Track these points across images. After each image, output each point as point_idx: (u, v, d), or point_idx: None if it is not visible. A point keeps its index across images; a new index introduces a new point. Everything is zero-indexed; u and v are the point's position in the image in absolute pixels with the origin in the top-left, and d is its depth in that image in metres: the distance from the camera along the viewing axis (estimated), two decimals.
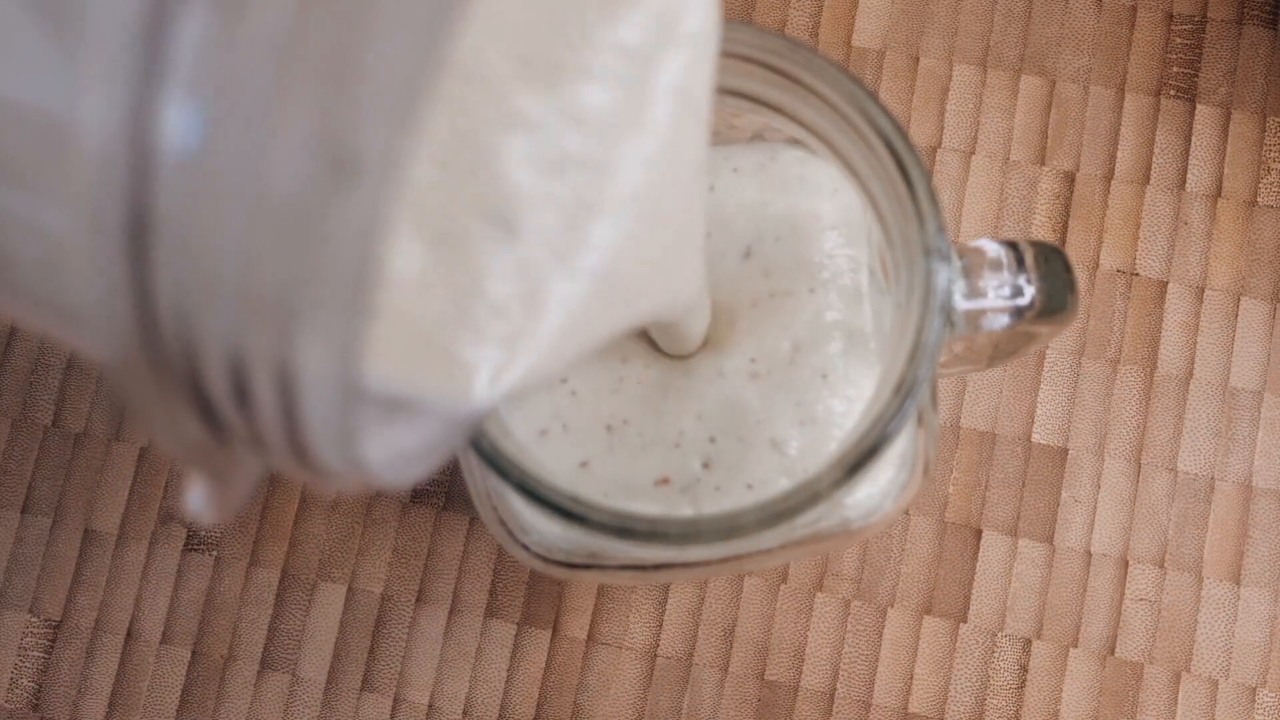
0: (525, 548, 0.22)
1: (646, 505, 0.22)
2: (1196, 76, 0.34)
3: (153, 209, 0.10)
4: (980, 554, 0.32)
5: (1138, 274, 0.33)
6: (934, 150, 0.34)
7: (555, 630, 0.32)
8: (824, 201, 0.24)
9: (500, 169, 0.14)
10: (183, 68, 0.09)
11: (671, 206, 0.16)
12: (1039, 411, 0.33)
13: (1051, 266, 0.21)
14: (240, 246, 0.10)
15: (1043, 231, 0.34)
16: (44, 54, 0.10)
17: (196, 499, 0.13)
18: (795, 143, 0.24)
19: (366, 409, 0.12)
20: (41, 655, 0.33)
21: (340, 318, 0.10)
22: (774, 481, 0.22)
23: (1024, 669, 0.32)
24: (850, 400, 0.22)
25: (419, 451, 0.13)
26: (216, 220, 0.10)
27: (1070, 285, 0.21)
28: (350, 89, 0.09)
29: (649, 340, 0.23)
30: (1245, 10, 0.34)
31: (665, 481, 0.22)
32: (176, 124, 0.09)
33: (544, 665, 0.32)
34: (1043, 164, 0.34)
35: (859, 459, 0.18)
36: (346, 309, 0.10)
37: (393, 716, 0.32)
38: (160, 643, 0.33)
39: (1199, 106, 0.34)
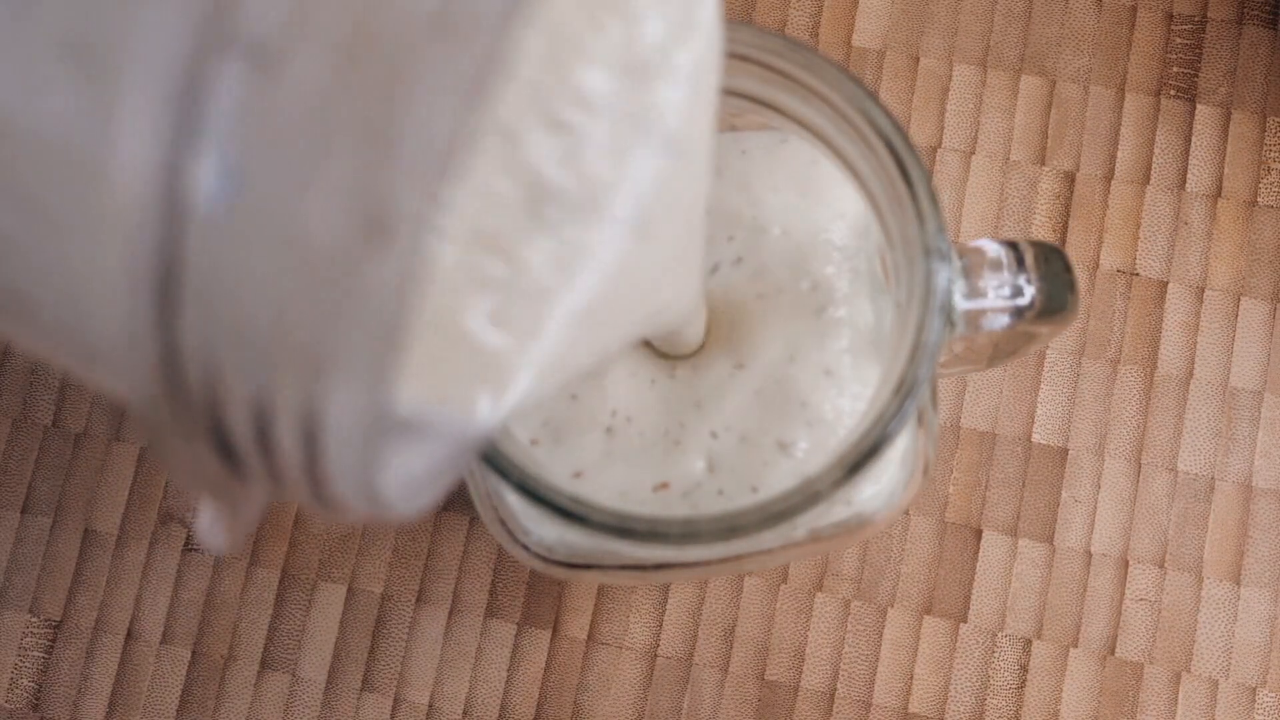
0: (525, 548, 0.22)
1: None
2: (1196, 76, 0.34)
3: (183, 259, 0.10)
4: (980, 554, 0.32)
5: (1138, 274, 0.33)
6: (934, 150, 0.34)
7: (555, 630, 0.32)
8: (835, 187, 0.23)
9: (503, 181, 0.14)
10: (219, 122, 0.09)
11: (675, 214, 0.16)
12: (1039, 411, 0.33)
13: (1051, 266, 0.21)
14: (271, 299, 0.10)
15: (1043, 231, 0.34)
16: (79, 101, 0.10)
17: (207, 526, 0.13)
18: None
19: (384, 440, 0.12)
20: (41, 655, 0.33)
21: (369, 370, 0.10)
22: (782, 485, 0.22)
23: (1024, 669, 0.32)
24: (858, 399, 0.22)
25: (428, 477, 0.13)
26: (247, 273, 0.10)
27: (1070, 285, 0.21)
28: (387, 150, 0.09)
29: (647, 342, 0.23)
30: (1245, 10, 0.34)
31: (665, 486, 0.22)
32: (211, 177, 0.09)
33: (544, 665, 0.32)
34: (1043, 164, 0.34)
35: (859, 459, 0.18)
36: (376, 362, 0.10)
37: (393, 716, 0.32)
38: (160, 643, 0.33)
39: (1199, 106, 0.34)
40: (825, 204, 0.23)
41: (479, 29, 0.10)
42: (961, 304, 0.20)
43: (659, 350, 0.23)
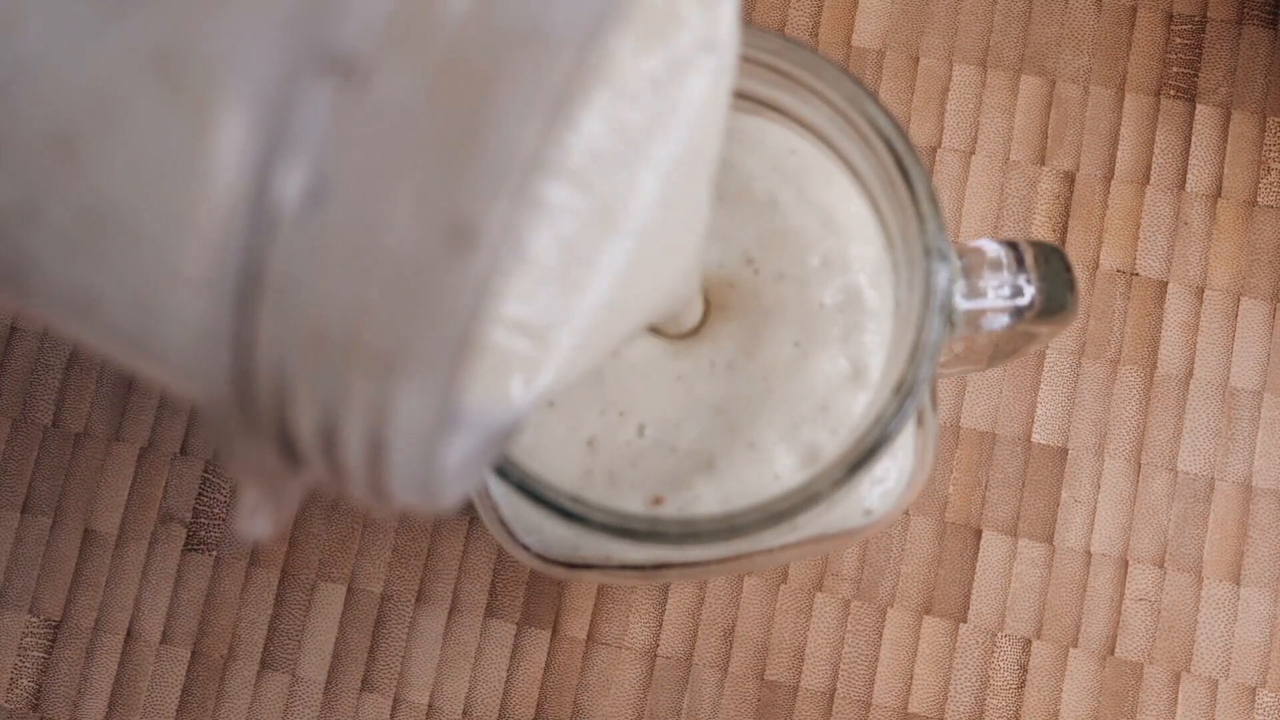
0: (525, 548, 0.22)
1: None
2: (1196, 76, 0.34)
3: (267, 265, 0.10)
4: (980, 554, 0.32)
5: (1138, 274, 0.33)
6: (934, 150, 0.34)
7: (555, 630, 0.32)
8: None
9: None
10: (309, 133, 0.10)
11: (686, 207, 0.16)
12: (1039, 411, 0.33)
13: (1051, 266, 0.20)
14: (349, 305, 0.10)
15: (1043, 231, 0.34)
16: (169, 110, 0.10)
17: (248, 515, 0.13)
18: None
19: (444, 439, 0.12)
20: (41, 655, 0.33)
21: (440, 375, 0.11)
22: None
23: (1024, 669, 0.32)
24: None
25: (465, 468, 0.13)
26: (328, 278, 0.10)
27: (1070, 285, 0.21)
28: (472, 163, 0.10)
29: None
30: (1245, 10, 0.34)
31: (659, 502, 0.21)
32: (299, 186, 0.10)
33: (544, 665, 0.32)
34: (1043, 164, 0.34)
35: (859, 458, 0.18)
36: (448, 367, 0.11)
37: (393, 716, 0.32)
38: (160, 643, 0.33)
39: (1199, 106, 0.34)
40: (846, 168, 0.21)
41: (567, 43, 0.10)
42: (961, 304, 0.20)
43: (658, 339, 0.22)
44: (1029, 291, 0.20)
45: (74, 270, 0.11)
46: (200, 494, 0.33)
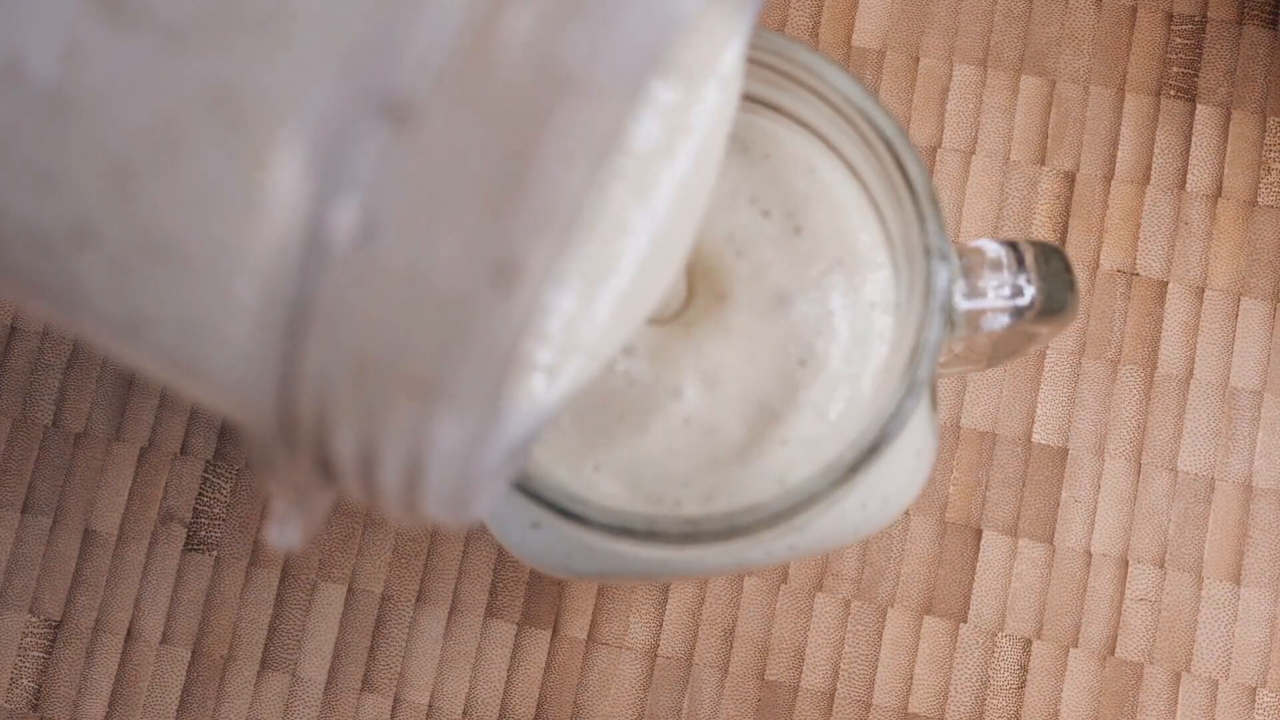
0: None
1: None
2: (1196, 76, 0.34)
3: (316, 296, 0.11)
4: (980, 554, 0.32)
5: (1138, 274, 0.33)
6: (934, 150, 0.34)
7: (555, 630, 0.32)
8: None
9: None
10: (361, 173, 0.10)
11: (697, 198, 0.16)
12: (1039, 411, 0.33)
13: (1051, 266, 0.20)
14: (394, 335, 0.11)
15: (1043, 231, 0.34)
16: (226, 147, 0.10)
17: (279, 527, 0.14)
18: None
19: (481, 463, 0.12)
20: (41, 655, 0.33)
21: (479, 404, 0.11)
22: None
23: (1024, 669, 0.32)
24: None
25: (492, 480, 0.14)
26: (376, 310, 0.11)
27: (1070, 285, 0.21)
28: (518, 206, 0.10)
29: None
30: (1245, 10, 0.34)
31: None
32: (350, 223, 0.10)
33: (544, 665, 0.32)
34: (1043, 164, 0.34)
35: (858, 459, 0.18)
36: (487, 397, 0.11)
37: (393, 716, 0.32)
38: (160, 643, 0.33)
39: (1199, 106, 0.34)
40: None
41: (613, 92, 0.10)
42: (961, 304, 0.20)
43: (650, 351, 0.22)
44: (1029, 291, 0.20)
45: (123, 294, 0.11)
46: (200, 494, 0.33)
